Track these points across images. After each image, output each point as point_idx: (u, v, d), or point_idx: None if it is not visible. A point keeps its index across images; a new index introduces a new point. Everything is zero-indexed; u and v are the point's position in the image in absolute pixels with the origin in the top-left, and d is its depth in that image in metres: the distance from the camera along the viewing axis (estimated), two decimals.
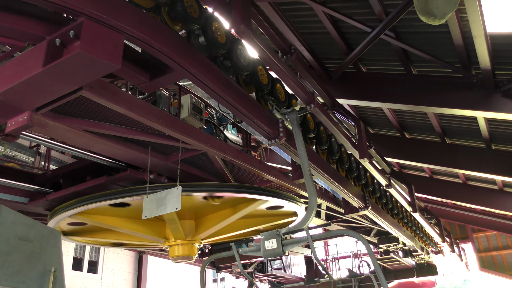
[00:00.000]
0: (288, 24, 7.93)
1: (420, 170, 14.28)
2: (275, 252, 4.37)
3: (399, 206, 12.02)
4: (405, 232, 12.45)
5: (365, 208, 8.70)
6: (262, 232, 4.50)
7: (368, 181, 9.26)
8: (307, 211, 4.81)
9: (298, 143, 5.20)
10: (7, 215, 4.27)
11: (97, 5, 3.09)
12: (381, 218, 9.84)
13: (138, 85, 4.35)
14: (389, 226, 10.70)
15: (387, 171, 9.61)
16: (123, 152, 5.68)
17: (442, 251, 17.32)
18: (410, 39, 7.74)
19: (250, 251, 4.73)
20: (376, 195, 9.83)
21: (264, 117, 5.19)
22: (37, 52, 3.20)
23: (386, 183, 9.21)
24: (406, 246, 15.54)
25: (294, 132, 5.28)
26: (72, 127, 4.67)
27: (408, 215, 12.95)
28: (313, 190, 4.93)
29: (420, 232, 14.59)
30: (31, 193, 7.29)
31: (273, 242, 4.38)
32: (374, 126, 11.95)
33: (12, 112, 3.76)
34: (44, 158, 8.69)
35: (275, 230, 4.43)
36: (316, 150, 7.03)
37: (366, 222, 12.55)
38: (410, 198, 11.09)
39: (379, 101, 9.11)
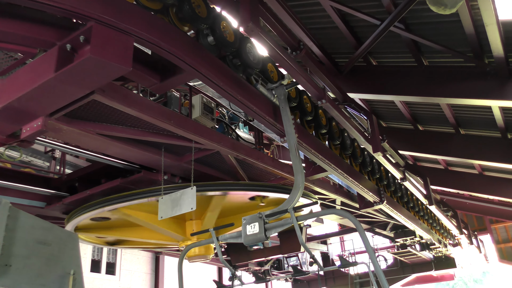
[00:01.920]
0: (296, 20, 7.89)
1: (435, 162, 14.13)
2: (257, 237, 3.98)
3: (414, 199, 11.92)
4: (421, 225, 12.34)
5: (380, 202, 8.65)
6: (244, 216, 4.14)
7: (383, 175, 9.20)
8: (293, 190, 4.42)
9: (285, 119, 4.90)
10: (25, 219, 4.32)
11: (105, 9, 3.11)
12: (397, 212, 9.77)
13: (149, 87, 4.37)
14: (405, 219, 10.62)
15: (401, 165, 9.52)
16: (136, 154, 5.71)
17: (460, 244, 17.14)
18: (420, 30, 7.65)
19: (230, 237, 4.33)
20: (391, 189, 9.75)
21: (275, 114, 5.18)
22: (48, 58, 3.24)
23: (400, 176, 9.13)
24: (423, 239, 15.42)
25: (281, 107, 4.99)
26: (85, 131, 4.71)
27: (424, 208, 12.84)
28: (300, 168, 4.56)
29: (437, 225, 14.46)
30: (48, 197, 7.39)
31: (255, 226, 4.01)
32: (387, 119, 11.86)
33: (26, 118, 3.81)
34: (59, 162, 8.80)
35: (258, 213, 4.06)
36: (329, 146, 7.00)
37: (381, 217, 12.47)
38: (425, 191, 10.98)
39: (391, 94, 9.03)
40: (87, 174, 7.28)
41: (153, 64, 4.29)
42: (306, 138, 5.82)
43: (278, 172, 6.99)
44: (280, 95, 5.01)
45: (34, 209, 7.25)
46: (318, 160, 6.27)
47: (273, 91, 5.09)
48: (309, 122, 6.40)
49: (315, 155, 6.07)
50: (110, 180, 6.62)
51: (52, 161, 9.93)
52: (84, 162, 8.87)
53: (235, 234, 4.22)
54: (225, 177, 7.05)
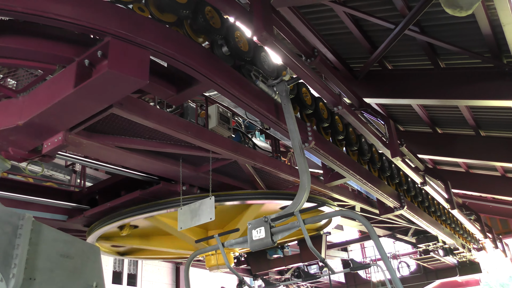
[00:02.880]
0: (309, 27, 7.91)
1: (456, 166, 13.88)
2: (263, 242, 3.81)
3: (436, 203, 11.72)
4: (444, 230, 12.12)
5: (401, 207, 8.53)
6: (249, 221, 4.00)
7: (402, 180, 9.08)
8: (299, 191, 4.21)
9: (288, 116, 4.66)
10: (48, 233, 4.38)
11: (121, 24, 3.17)
12: (418, 217, 9.62)
13: (165, 99, 4.42)
14: (427, 224, 10.44)
15: (421, 169, 9.39)
16: (155, 166, 5.76)
17: (484, 248, 16.75)
18: (435, 32, 7.57)
19: (236, 243, 4.19)
20: (411, 193, 9.61)
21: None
22: (67, 73, 3.31)
23: (420, 180, 9.00)
24: (446, 244, 15.11)
25: (283, 104, 4.75)
26: (105, 144, 4.78)
27: (446, 212, 12.61)
28: (305, 168, 4.34)
29: (460, 229, 14.17)
30: (69, 211, 7.50)
31: (261, 231, 3.84)
32: (404, 123, 11.72)
33: (47, 133, 3.89)
34: (79, 175, 8.94)
35: (263, 217, 3.90)
36: (347, 152, 6.95)
37: (402, 222, 12.29)
38: (447, 195, 10.79)
39: (408, 97, 8.94)
40: (107, 187, 7.37)
41: (169, 76, 4.34)
42: (323, 145, 5.79)
43: (296, 180, 6.96)
44: (282, 92, 4.79)
45: (56, 223, 7.37)
46: (336, 167, 6.23)
47: (275, 87, 4.87)
48: (326, 129, 6.37)
49: (333, 162, 6.03)
50: (129, 192, 6.70)
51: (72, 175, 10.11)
52: (104, 174, 9.00)
53: (240, 240, 4.11)
54: (243, 186, 7.06)
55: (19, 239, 3.96)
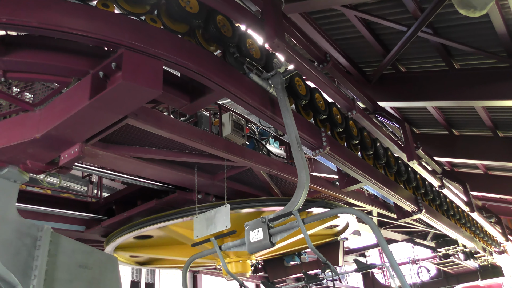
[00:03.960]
0: (321, 32, 7.89)
1: (474, 168, 13.65)
2: (261, 244, 3.60)
3: (454, 206, 11.53)
4: (464, 233, 11.91)
5: (419, 211, 8.42)
6: (247, 222, 3.78)
7: (419, 183, 8.96)
8: (297, 189, 3.94)
9: (284, 110, 4.41)
10: (66, 244, 4.43)
11: (135, 35, 3.21)
12: (437, 220, 9.47)
13: (179, 108, 4.44)
14: (446, 228, 10.27)
15: (438, 172, 9.27)
16: (170, 175, 5.79)
17: (506, 251, 16.41)
18: (449, 33, 7.48)
19: (234, 246, 4.01)
20: (429, 197, 9.48)
21: (305, 128, 5.16)
22: (82, 86, 3.35)
23: (438, 184, 8.87)
24: (467, 248, 14.86)
25: (279, 97, 4.50)
26: (120, 155, 4.82)
27: (466, 215, 12.40)
28: (303, 164, 4.06)
29: (480, 233, 13.91)
30: (87, 221, 7.58)
31: (259, 232, 3.64)
32: (420, 126, 11.59)
33: (64, 145, 3.94)
34: (96, 186, 9.03)
35: (261, 217, 3.69)
36: (362, 156, 6.89)
37: (421, 226, 12.11)
38: (466, 198, 10.61)
39: (423, 100, 8.83)
40: (124, 197, 7.43)
41: (183, 85, 4.37)
42: (338, 150, 5.75)
43: (312, 186, 6.92)
44: (277, 84, 4.55)
45: (74, 233, 7.44)
46: (351, 172, 6.18)
47: (269, 80, 4.62)
48: (340, 134, 6.33)
49: (348, 167, 5.98)
50: (146, 201, 6.73)
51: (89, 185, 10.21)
52: (120, 184, 9.06)
53: (238, 242, 3.93)
54: (258, 193, 7.04)
55: (38, 251, 4.01)
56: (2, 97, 3.85)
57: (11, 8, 3.02)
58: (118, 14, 3.56)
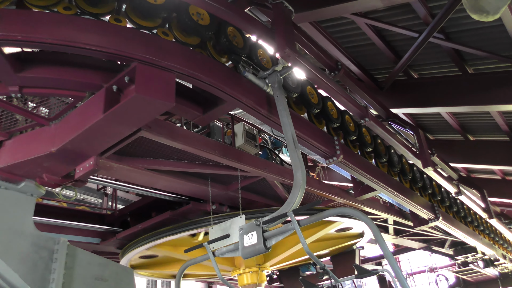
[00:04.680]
0: (331, 41, 7.89)
1: (491, 173, 13.42)
2: (255, 248, 3.39)
3: (472, 213, 11.35)
4: (482, 240, 11.69)
5: (436, 219, 8.31)
6: (241, 225, 3.63)
7: (435, 190, 8.85)
8: (293, 189, 3.77)
9: (280, 108, 4.21)
10: (82, 256, 4.46)
11: (147, 49, 3.25)
12: (455, 228, 9.33)
13: (192, 120, 4.47)
14: (464, 235, 10.11)
15: (454, 178, 9.14)
16: (184, 186, 5.81)
17: None
18: (461, 38, 7.42)
19: (227, 251, 3.83)
20: (446, 204, 9.35)
21: (318, 136, 5.14)
22: (97, 100, 3.39)
23: (455, 190, 8.76)
24: (486, 255, 14.57)
25: (275, 96, 4.33)
26: (135, 167, 4.85)
27: (484, 222, 12.19)
28: (299, 163, 3.87)
29: (499, 239, 13.64)
30: (102, 233, 7.62)
31: (253, 236, 3.44)
32: (434, 132, 11.46)
33: (79, 158, 3.98)
34: (111, 198, 9.09)
35: (255, 220, 3.50)
36: (376, 164, 6.84)
37: (438, 234, 11.93)
38: (484, 204, 10.44)
39: (436, 106, 8.75)
40: (138, 209, 7.46)
41: (195, 97, 4.39)
42: (352, 158, 5.72)
43: (326, 195, 6.88)
44: (274, 83, 4.39)
45: (90, 246, 7.48)
46: (366, 180, 6.13)
47: (266, 79, 4.47)
48: (354, 142, 6.30)
49: (363, 175, 5.94)
50: (160, 213, 6.75)
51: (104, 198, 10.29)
52: (135, 196, 9.11)
53: (232, 247, 3.75)
54: (272, 203, 7.02)
55: (55, 264, 4.04)
56: (19, 112, 3.92)
57: (27, 26, 3.08)
58: (130, 29, 3.61)
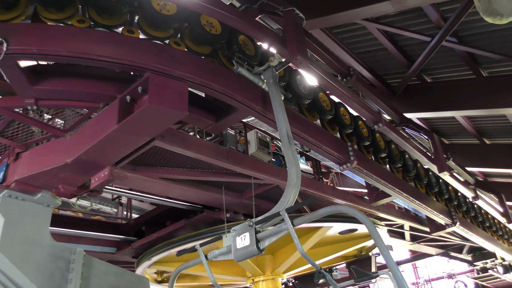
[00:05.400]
0: (343, 47, 7.88)
1: (508, 177, 13.20)
2: (248, 250, 3.22)
3: (490, 218, 11.15)
4: (501, 245, 11.47)
5: (453, 224, 8.18)
6: (234, 227, 3.45)
7: (452, 195, 8.73)
8: (287, 187, 3.59)
9: (275, 105, 4.05)
10: (98, 266, 4.48)
11: (160, 59, 3.28)
12: (472, 233, 9.18)
13: (205, 128, 4.48)
14: (483, 241, 9.93)
15: (471, 182, 9.01)
16: (198, 195, 5.82)
17: None
18: (474, 41, 7.35)
19: (220, 254, 3.66)
20: (463, 209, 9.20)
21: (332, 143, 5.12)
22: (111, 110, 3.43)
23: (472, 195, 8.63)
24: (506, 261, 14.28)
25: (270, 92, 4.17)
26: (149, 176, 4.88)
27: (502, 226, 11.97)
28: (293, 160, 3.68)
29: None
30: (118, 243, 7.66)
31: (246, 238, 3.27)
32: (449, 136, 11.33)
33: (94, 169, 4.02)
34: (126, 208, 9.15)
35: (247, 220, 3.34)
36: (390, 169, 6.78)
37: (456, 239, 11.74)
38: (502, 208, 10.26)
39: (451, 109, 8.66)
40: (153, 218, 7.49)
41: (208, 105, 4.41)
42: (366, 164, 5.67)
43: (340, 201, 6.83)
44: (269, 79, 4.24)
45: (106, 255, 7.52)
46: (380, 185, 6.07)
47: (262, 75, 4.31)
48: (367, 147, 6.25)
49: (377, 180, 5.89)
50: (175, 222, 6.77)
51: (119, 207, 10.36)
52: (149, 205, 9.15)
53: (224, 250, 3.58)
54: None
55: (71, 273, 4.06)
56: (35, 124, 3.98)
57: (42, 39, 3.14)
58: (143, 39, 3.65)
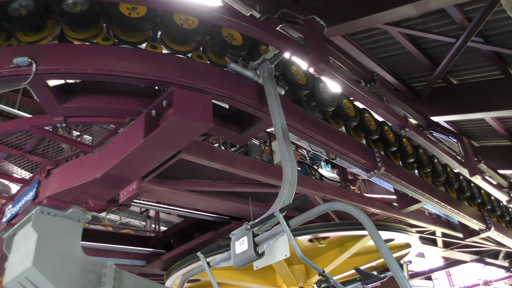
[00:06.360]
0: (365, 52, 7.81)
1: None
2: (246, 255, 3.09)
3: None
4: None
5: (487, 229, 7.93)
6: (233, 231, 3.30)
7: (485, 199, 8.48)
8: (282, 186, 3.41)
9: (270, 99, 3.82)
10: (129, 279, 4.51)
11: (183, 73, 3.32)
12: (508, 238, 8.87)
13: (230, 140, 4.49)
14: None
15: (504, 185, 8.74)
16: (225, 206, 5.83)
17: None
18: (501, 40, 7.18)
19: (221, 260, 3.56)
20: (497, 213, 8.92)
21: (358, 149, 5.05)
22: (137, 125, 3.48)
23: (506, 198, 8.36)
24: None
25: (265, 86, 3.96)
26: (176, 189, 4.92)
27: None
28: (288, 157, 3.46)
29: None
30: (147, 256, 7.73)
31: (244, 242, 3.12)
32: (479, 138, 11.04)
33: (122, 183, 4.08)
34: (154, 220, 9.24)
35: (245, 224, 3.18)
36: (419, 174, 6.64)
37: (491, 245, 11.35)
38: None
39: (479, 111, 8.45)
40: (181, 230, 7.54)
41: (232, 117, 4.43)
42: (394, 170, 5.57)
43: (369, 209, 6.72)
44: (264, 73, 4.05)
45: (136, 268, 7.60)
46: (409, 191, 5.95)
47: (257, 70, 4.10)
48: (394, 153, 6.14)
49: (406, 186, 5.77)
50: (203, 233, 6.79)
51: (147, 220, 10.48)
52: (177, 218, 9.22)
53: (225, 256, 3.46)
54: (314, 219, 6.89)
55: (103, 287, 4.11)
56: (64, 141, 4.07)
57: (68, 58, 3.23)
58: (166, 54, 3.70)
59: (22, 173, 4.72)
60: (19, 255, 4.02)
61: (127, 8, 3.54)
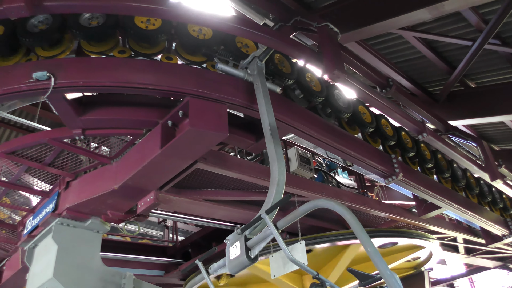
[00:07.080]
0: (380, 58, 7.75)
1: None
2: (239, 261, 2.98)
3: None
4: None
5: (510, 234, 7.75)
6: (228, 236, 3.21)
7: (507, 204, 8.31)
8: (270, 187, 3.30)
9: (259, 97, 3.68)
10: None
11: (198, 83, 3.35)
12: None
13: (246, 148, 4.50)
14: None
15: None
16: (242, 215, 5.81)
17: None
18: None
19: (218, 267, 3.48)
20: None
21: (375, 155, 5.01)
22: (153, 136, 3.52)
23: None
24: None
25: (255, 84, 3.81)
26: (193, 199, 4.92)
27: None
28: (276, 156, 3.33)
29: None
30: (165, 266, 7.74)
31: (237, 247, 3.04)
32: (499, 142, 10.83)
33: (140, 194, 4.11)
34: (171, 230, 9.27)
35: (236, 228, 3.11)
36: (438, 180, 6.54)
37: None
38: None
39: (499, 114, 8.29)
40: (198, 240, 7.54)
41: (247, 125, 4.43)
42: (412, 175, 5.50)
43: (387, 215, 6.63)
44: (253, 70, 3.93)
45: (155, 278, 7.62)
46: (429, 197, 5.86)
47: (248, 69, 3.98)
48: (412, 158, 6.07)
49: (425, 192, 5.69)
50: (220, 243, 6.77)
51: (165, 230, 10.52)
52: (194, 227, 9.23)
53: (221, 263, 3.37)
54: (332, 227, 6.84)
55: None
56: (83, 153, 4.13)
57: (86, 72, 3.29)
58: (181, 65, 3.74)
59: (42, 185, 4.80)
60: (40, 266, 4.08)
61: (141, 21, 3.60)
